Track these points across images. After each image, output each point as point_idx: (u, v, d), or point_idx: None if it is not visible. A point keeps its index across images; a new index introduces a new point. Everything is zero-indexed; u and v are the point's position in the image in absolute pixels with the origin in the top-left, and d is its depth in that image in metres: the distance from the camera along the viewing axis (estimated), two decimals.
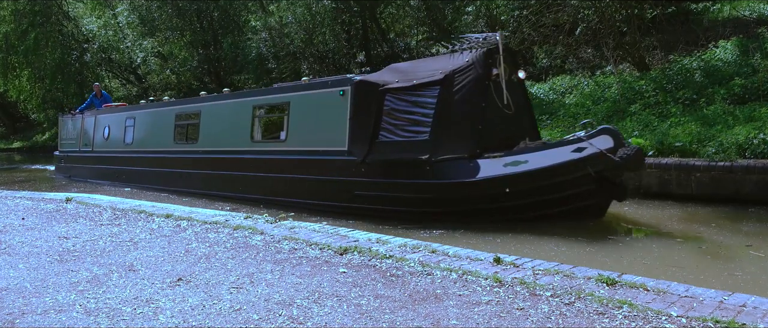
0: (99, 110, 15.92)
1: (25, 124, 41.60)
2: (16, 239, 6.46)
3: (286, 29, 20.55)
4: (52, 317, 3.86)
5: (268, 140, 10.41)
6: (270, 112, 10.67)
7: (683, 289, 4.00)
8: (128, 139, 14.07)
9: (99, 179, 15.20)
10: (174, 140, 12.53)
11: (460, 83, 7.65)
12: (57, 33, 28.68)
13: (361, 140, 8.34)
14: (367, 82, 8.49)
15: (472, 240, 6.75)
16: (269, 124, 10.82)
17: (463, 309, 3.77)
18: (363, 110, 8.42)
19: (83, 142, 16.27)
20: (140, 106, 14.46)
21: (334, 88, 9.00)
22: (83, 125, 16.42)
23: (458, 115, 7.63)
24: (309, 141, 9.29)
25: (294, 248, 5.58)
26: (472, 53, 7.77)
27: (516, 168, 7.17)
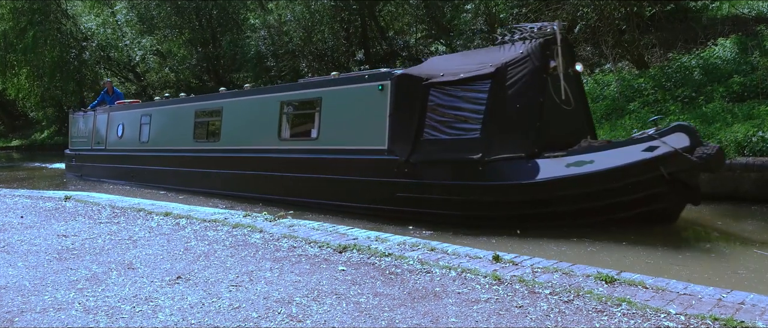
0: (112, 107, 15.29)
1: (24, 123, 41.54)
2: (15, 237, 6.45)
3: (285, 27, 20.53)
4: (51, 316, 3.86)
5: (297, 138, 9.76)
6: (299, 109, 9.95)
7: (682, 286, 4.01)
8: (144, 138, 13.48)
9: (112, 179, 14.65)
10: (193, 138, 11.87)
11: (513, 77, 7.08)
12: (55, 31, 28.63)
13: (403, 138, 7.81)
14: (409, 76, 7.93)
15: (470, 238, 6.75)
16: (299, 122, 10.08)
17: (462, 307, 3.78)
18: (405, 106, 7.89)
19: (95, 140, 15.61)
20: (156, 102, 13.95)
21: (371, 83, 8.41)
22: (95, 123, 15.78)
23: (513, 112, 7.07)
24: (344, 139, 8.74)
25: (293, 246, 5.58)
26: (526, 44, 7.20)
27: (580, 169, 6.61)
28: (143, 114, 13.71)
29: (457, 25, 17.17)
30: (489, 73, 7.20)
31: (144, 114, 13.68)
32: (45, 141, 34.99)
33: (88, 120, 16.31)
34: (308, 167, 9.21)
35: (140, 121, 13.68)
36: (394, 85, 8.03)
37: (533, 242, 6.46)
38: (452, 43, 17.84)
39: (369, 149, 8.34)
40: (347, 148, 8.66)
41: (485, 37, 16.28)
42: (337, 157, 8.78)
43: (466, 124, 7.32)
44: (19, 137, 39.47)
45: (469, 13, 16.37)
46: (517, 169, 6.94)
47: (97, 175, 15.39)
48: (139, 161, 13.57)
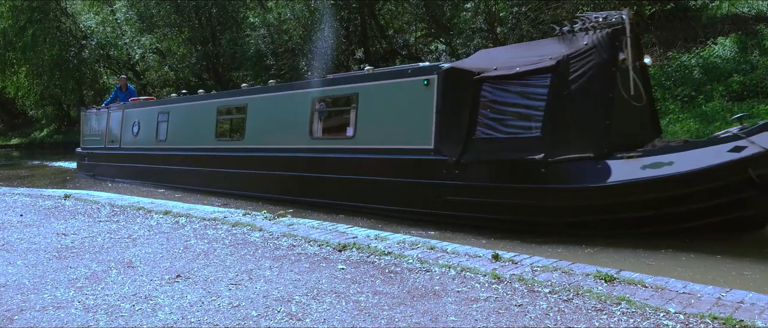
0: (126, 104, 14.62)
1: (23, 121, 41.53)
2: (14, 235, 6.45)
3: (285, 26, 20.53)
4: (50, 314, 3.86)
5: (331, 137, 9.19)
6: (333, 105, 9.39)
7: (681, 285, 4.01)
8: (161, 136, 12.84)
9: (127, 179, 13.95)
10: (215, 137, 11.23)
11: (577, 70, 6.49)
12: (55, 29, 28.62)
13: (452, 137, 7.21)
14: (458, 69, 7.29)
15: (470, 237, 6.75)
16: (333, 119, 9.49)
17: (462, 306, 3.78)
18: (454, 102, 7.28)
19: (109, 138, 14.93)
20: (175, 99, 13.27)
21: (416, 78, 7.84)
22: (109, 121, 15.06)
23: (578, 108, 6.48)
24: (384, 138, 8.14)
25: (293, 245, 5.58)
26: (591, 35, 6.60)
27: (658, 171, 5.98)
28: (160, 111, 13.07)
29: (457, 23, 17.17)
30: (549, 66, 6.57)
31: (161, 111, 13.05)
32: (44, 139, 34.98)
33: (101, 118, 15.62)
34: (343, 167, 8.65)
35: (157, 118, 13.06)
36: (442, 79, 7.44)
37: (532, 241, 6.45)
38: (452, 42, 17.83)
39: (413, 149, 7.77)
40: (388, 148, 8.10)
41: (485, 35, 16.28)
42: (376, 157, 8.22)
43: (525, 122, 6.75)
44: (19, 136, 39.46)
45: (469, 12, 16.37)
46: (586, 171, 6.35)
47: (111, 174, 14.77)
48: (156, 160, 12.95)
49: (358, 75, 8.92)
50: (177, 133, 12.40)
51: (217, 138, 11.21)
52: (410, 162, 7.74)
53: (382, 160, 8.12)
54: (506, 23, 15.31)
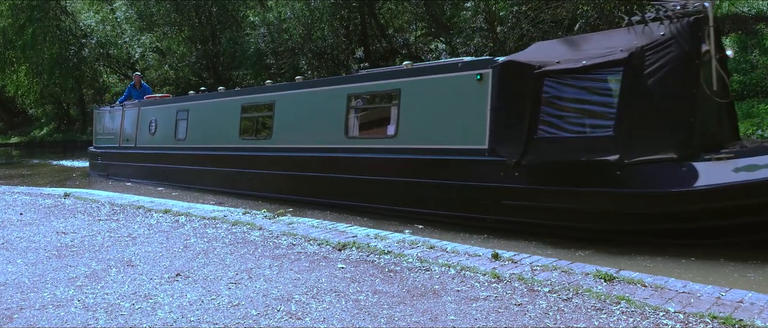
0: (142, 102, 14.04)
1: (23, 120, 41.54)
2: (14, 234, 6.45)
3: (285, 25, 20.53)
4: (50, 312, 3.86)
5: (370, 136, 8.61)
6: (372, 103, 8.84)
7: (681, 285, 4.01)
8: (180, 135, 12.25)
9: (143, 179, 13.36)
10: (239, 136, 10.65)
11: (654, 63, 5.94)
12: (55, 28, 28.62)
13: (510, 137, 6.67)
14: (516, 63, 6.75)
15: (469, 236, 6.76)
16: (371, 117, 8.90)
17: (461, 305, 3.78)
18: (512, 99, 6.74)
19: (124, 137, 14.33)
20: (195, 96, 12.56)
21: (467, 72, 7.27)
22: (123, 119, 14.47)
23: (657, 105, 5.90)
24: (430, 137, 7.62)
25: (292, 244, 5.58)
26: (669, 25, 6.05)
27: (754, 174, 5.43)
28: (179, 109, 12.49)
29: (457, 23, 17.16)
30: (621, 59, 6.02)
31: (180, 109, 12.46)
32: (44, 138, 34.99)
33: (114, 116, 15.01)
34: (384, 168, 8.09)
35: (176, 117, 12.49)
36: (497, 74, 6.90)
37: (532, 240, 6.45)
38: (452, 41, 17.83)
39: (464, 149, 7.23)
40: (434, 148, 7.55)
41: (485, 35, 16.28)
42: (421, 157, 7.67)
43: (595, 120, 6.21)
44: (18, 134, 39.47)
45: (469, 11, 16.36)
46: (670, 174, 5.76)
47: (126, 174, 14.16)
48: (174, 160, 12.36)
49: (400, 70, 8.36)
50: (197, 132, 11.85)
51: (241, 137, 10.65)
52: (461, 163, 7.20)
53: (428, 160, 7.59)
54: (506, 22, 15.30)
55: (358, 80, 8.84)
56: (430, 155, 7.56)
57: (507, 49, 14.92)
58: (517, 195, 6.68)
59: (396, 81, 8.15)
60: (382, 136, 8.28)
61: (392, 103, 8.18)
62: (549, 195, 6.47)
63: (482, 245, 5.56)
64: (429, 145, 7.61)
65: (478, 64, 7.24)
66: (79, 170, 18.21)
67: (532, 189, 6.54)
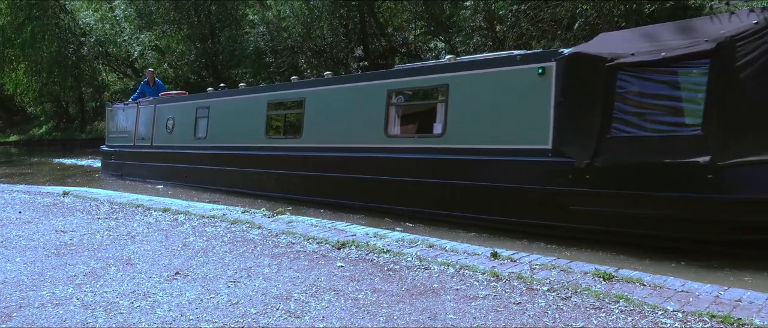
0: (158, 99, 13.55)
1: (22, 118, 41.52)
2: (13, 232, 6.45)
3: (284, 23, 20.51)
4: (49, 311, 3.86)
5: (413, 135, 8.11)
6: (416, 99, 8.33)
7: (679, 284, 4.02)
8: (200, 133, 11.72)
9: (160, 179, 12.86)
10: (266, 134, 10.13)
11: (748, 55, 5.35)
12: (54, 26, 28.61)
13: (579, 136, 6.11)
14: (584, 55, 6.17)
15: (469, 235, 6.76)
16: (415, 115, 8.41)
17: (460, 303, 3.78)
18: (579, 94, 6.19)
19: (139, 136, 13.78)
20: (215, 93, 12.11)
21: (527, 65, 6.72)
22: (138, 117, 13.92)
23: (754, 101, 5.32)
24: (482, 136, 7.05)
25: (291, 243, 5.58)
26: (761, 12, 5.57)
27: None
28: (199, 106, 11.92)
29: (456, 21, 17.16)
30: (707, 50, 5.46)
31: (200, 106, 11.89)
32: (43, 136, 34.97)
33: (129, 114, 14.44)
34: (429, 170, 7.54)
35: (195, 114, 11.95)
36: (562, 67, 6.32)
37: (531, 239, 6.46)
38: (451, 40, 17.83)
39: (523, 149, 6.65)
40: (488, 148, 6.98)
41: (484, 34, 16.28)
42: (472, 158, 7.10)
43: (678, 118, 5.64)
44: (18, 133, 39.44)
45: (468, 10, 16.35)
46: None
47: (141, 175, 13.61)
48: (194, 160, 11.82)
49: (447, 64, 7.72)
50: (219, 130, 11.30)
51: (267, 136, 10.13)
52: (520, 165, 6.62)
53: (481, 162, 7.01)
54: (505, 21, 15.30)
55: (400, 75, 8.25)
56: (484, 156, 7.01)
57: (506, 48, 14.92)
58: (588, 200, 6.06)
59: (443, 75, 7.57)
60: (428, 136, 7.76)
61: (439, 99, 7.67)
62: (628, 201, 5.82)
63: (481, 244, 5.56)
64: (482, 144, 7.06)
65: (539, 57, 6.71)
66: (78, 169, 18.20)
67: (607, 194, 5.92)
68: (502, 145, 6.85)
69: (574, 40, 13.67)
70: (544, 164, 6.39)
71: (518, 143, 6.69)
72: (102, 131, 29.17)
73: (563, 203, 6.25)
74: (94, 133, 29.45)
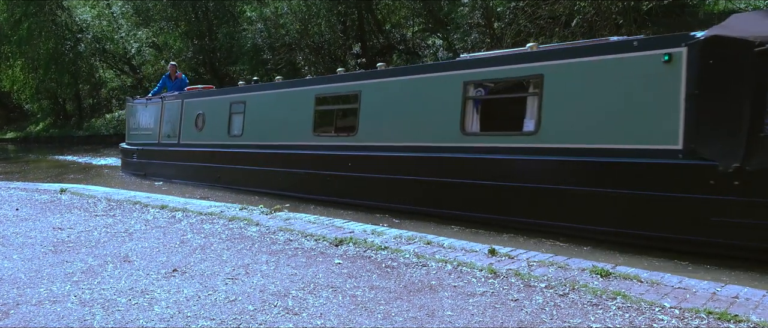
0: (185, 94, 12.54)
1: (19, 115, 41.44)
2: (10, 229, 6.44)
3: (281, 20, 20.48)
4: (46, 308, 3.85)
5: (497, 132, 7.01)
6: (499, 92, 7.34)
7: (676, 280, 4.02)
8: (235, 130, 10.79)
9: (189, 180, 11.91)
10: (313, 132, 9.14)
11: None
12: (50, 23, 28.55)
13: (722, 134, 5.19)
14: (724, 39, 5.23)
15: (466, 232, 6.76)
16: (498, 110, 7.34)
17: (458, 300, 3.79)
18: (719, 84, 5.26)
19: (164, 133, 12.83)
20: (253, 86, 11.08)
21: (647, 52, 5.78)
22: (163, 112, 12.97)
23: None
24: (589, 135, 6.11)
25: (289, 240, 5.58)
26: None
27: None
28: (234, 101, 10.95)
29: (454, 18, 17.16)
30: None
31: (235, 101, 10.93)
32: (40, 133, 34.91)
33: (152, 110, 13.44)
34: (518, 173, 6.63)
35: (229, 110, 11.00)
36: (696, 52, 5.39)
37: (529, 236, 6.46)
38: (449, 37, 17.83)
39: (643, 150, 5.71)
40: (596, 148, 6.03)
41: (482, 31, 16.27)
42: (577, 160, 6.15)
43: None
44: (14, 130, 39.36)
45: (466, 7, 16.35)
46: None
47: (168, 175, 12.62)
48: (229, 160, 10.88)
49: (540, 52, 6.76)
50: (258, 127, 10.33)
51: (315, 133, 9.15)
52: (642, 169, 5.67)
53: (589, 164, 6.07)
54: (503, 18, 15.30)
55: (479, 65, 7.22)
56: (590, 157, 6.07)
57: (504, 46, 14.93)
58: (738, 211, 5.13)
59: (536, 65, 6.62)
60: (517, 134, 6.76)
61: (530, 91, 6.72)
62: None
63: (479, 241, 5.57)
64: (590, 144, 6.09)
65: (663, 42, 5.72)
66: (75, 165, 18.17)
67: (761, 203, 5.00)
68: (613, 145, 5.94)
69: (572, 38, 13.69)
70: (673, 167, 5.47)
71: (636, 142, 5.77)
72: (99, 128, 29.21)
73: (702, 215, 5.32)
74: (91, 130, 29.42)
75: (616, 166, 5.85)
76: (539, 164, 6.46)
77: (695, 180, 5.34)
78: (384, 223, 7.22)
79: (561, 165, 6.26)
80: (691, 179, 5.37)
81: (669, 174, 5.50)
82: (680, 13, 14.69)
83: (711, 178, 5.22)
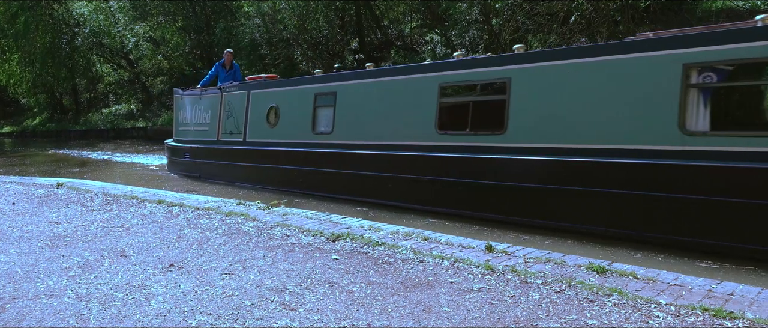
0: (252, 84, 10.89)
1: (15, 109, 41.32)
2: (6, 224, 6.42)
3: (280, 15, 20.45)
4: (43, 302, 3.85)
5: (743, 133, 5.20)
6: (734, 78, 5.42)
7: (672, 277, 4.04)
8: (322, 126, 9.11)
9: (259, 184, 10.29)
10: (438, 129, 7.40)
11: None
12: (47, 17, 28.45)
13: None
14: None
15: (464, 229, 6.77)
16: (734, 102, 5.70)
17: (455, 296, 3.79)
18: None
19: (227, 128, 11.14)
20: (344, 74, 9.37)
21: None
22: (223, 105, 11.34)
23: None
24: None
25: (286, 235, 5.58)
26: None
27: None
28: (320, 92, 9.22)
29: (452, 14, 17.15)
30: None
31: (321, 92, 9.21)
32: (37, 127, 34.83)
33: (208, 102, 11.80)
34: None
35: (314, 102, 9.27)
36: None
37: (526, 233, 6.47)
38: (447, 33, 17.81)
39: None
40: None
41: (480, 27, 16.27)
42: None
43: None
44: (11, 124, 39.25)
45: (465, 3, 16.34)
46: None
47: (232, 176, 11.01)
48: (316, 161, 9.13)
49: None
50: (354, 122, 8.64)
51: (440, 131, 7.40)
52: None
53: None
54: (501, 15, 15.30)
55: (706, 42, 5.41)
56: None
57: (502, 42, 14.93)
58: None
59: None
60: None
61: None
62: None
63: (476, 237, 5.57)
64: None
65: None
66: (72, 160, 18.13)
67: None
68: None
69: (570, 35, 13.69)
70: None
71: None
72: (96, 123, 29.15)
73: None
74: (88, 125, 29.36)
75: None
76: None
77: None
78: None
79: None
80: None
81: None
82: (678, 10, 14.71)
83: None
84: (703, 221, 5.36)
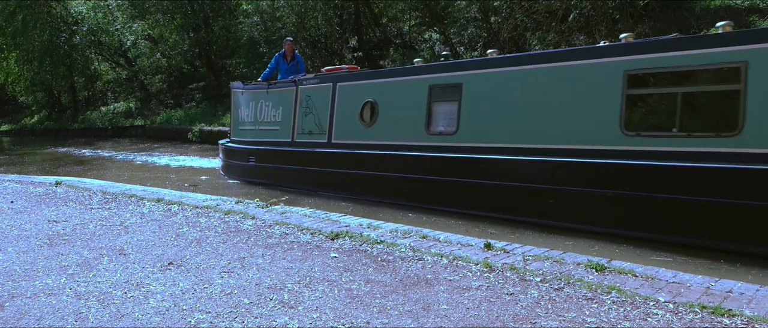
0: (337, 75, 9.29)
1: (14, 107, 41.24)
2: (5, 222, 6.42)
3: (278, 13, 20.42)
4: (41, 300, 3.85)
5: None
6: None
7: (671, 275, 4.04)
8: (439, 126, 7.57)
9: (348, 193, 8.76)
10: (623, 128, 5.87)
11: None
12: (45, 15, 28.37)
13: None
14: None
15: (462, 226, 6.77)
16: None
17: (454, 294, 3.80)
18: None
19: (304, 128, 9.57)
20: (470, 61, 7.55)
21: None
22: (298, 100, 9.79)
23: None
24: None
25: (285, 233, 5.58)
26: None
27: None
28: (435, 85, 7.68)
29: (451, 12, 17.14)
30: None
31: (436, 85, 7.67)
32: (35, 126, 34.75)
33: (278, 97, 10.24)
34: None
35: (428, 97, 7.72)
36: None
37: (524, 231, 6.48)
38: (446, 31, 17.81)
39: None
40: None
41: (479, 25, 16.26)
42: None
43: None
44: (9, 122, 39.18)
45: (463, 1, 16.33)
46: None
47: (312, 183, 9.38)
48: (431, 169, 7.61)
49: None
50: (488, 121, 7.09)
51: (625, 131, 5.87)
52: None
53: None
54: (500, 13, 15.29)
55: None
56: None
57: (501, 40, 14.92)
58: None
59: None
60: None
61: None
62: None
63: (475, 235, 5.57)
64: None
65: None
66: (70, 158, 18.11)
67: None
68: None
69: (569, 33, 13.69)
70: None
71: None
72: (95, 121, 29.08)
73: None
74: (87, 123, 29.30)
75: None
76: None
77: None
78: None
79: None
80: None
81: None
82: (677, 9, 14.71)
83: None
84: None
